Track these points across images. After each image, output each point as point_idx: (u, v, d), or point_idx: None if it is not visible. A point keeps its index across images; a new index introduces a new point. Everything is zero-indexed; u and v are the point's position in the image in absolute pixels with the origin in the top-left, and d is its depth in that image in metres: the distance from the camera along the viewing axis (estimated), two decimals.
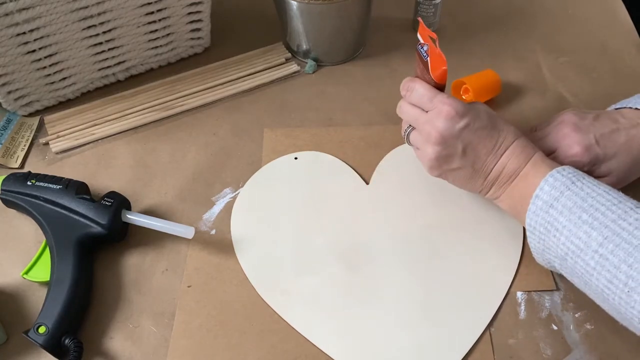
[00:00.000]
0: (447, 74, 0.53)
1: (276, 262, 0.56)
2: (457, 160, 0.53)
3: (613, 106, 0.59)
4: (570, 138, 0.54)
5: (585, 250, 0.45)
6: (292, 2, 0.68)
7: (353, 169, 0.64)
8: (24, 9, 0.60)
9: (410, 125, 0.56)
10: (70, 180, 0.59)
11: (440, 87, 0.54)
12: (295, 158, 0.65)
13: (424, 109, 0.54)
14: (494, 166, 0.53)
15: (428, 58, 0.53)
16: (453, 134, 0.52)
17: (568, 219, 0.46)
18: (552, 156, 0.55)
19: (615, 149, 0.53)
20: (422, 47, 0.54)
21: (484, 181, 0.54)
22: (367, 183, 0.62)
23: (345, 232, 0.58)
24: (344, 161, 0.64)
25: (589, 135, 0.54)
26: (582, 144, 0.53)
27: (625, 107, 0.57)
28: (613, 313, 0.45)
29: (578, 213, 0.46)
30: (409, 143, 0.57)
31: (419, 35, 0.55)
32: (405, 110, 0.56)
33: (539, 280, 0.54)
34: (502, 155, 0.52)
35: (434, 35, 0.53)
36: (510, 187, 0.52)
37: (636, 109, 0.56)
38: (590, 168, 0.54)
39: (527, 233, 0.50)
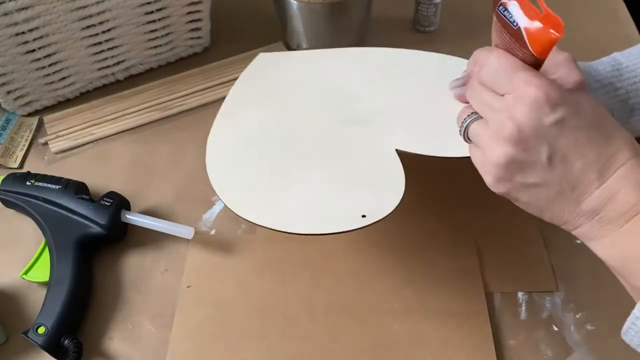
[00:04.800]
0: (555, 44, 0.37)
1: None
2: (537, 172, 0.38)
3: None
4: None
5: None
6: (292, 1, 0.68)
7: None
8: (23, 8, 0.60)
9: (473, 113, 0.42)
10: (69, 181, 0.59)
11: (536, 64, 0.39)
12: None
13: (498, 91, 0.40)
14: (594, 190, 0.37)
15: (519, 23, 0.38)
16: (538, 131, 0.37)
17: None
18: (551, 79, 0.46)
19: None
20: (504, 9, 0.39)
21: (575, 209, 0.38)
22: None
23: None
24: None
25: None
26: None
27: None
28: None
29: None
30: (467, 139, 0.43)
31: None
32: (474, 91, 0.42)
33: (540, 281, 0.54)
34: (610, 177, 0.37)
35: None
36: (619, 231, 0.37)
37: None
38: None
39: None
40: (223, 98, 0.71)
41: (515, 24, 0.38)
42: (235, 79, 0.73)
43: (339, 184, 0.48)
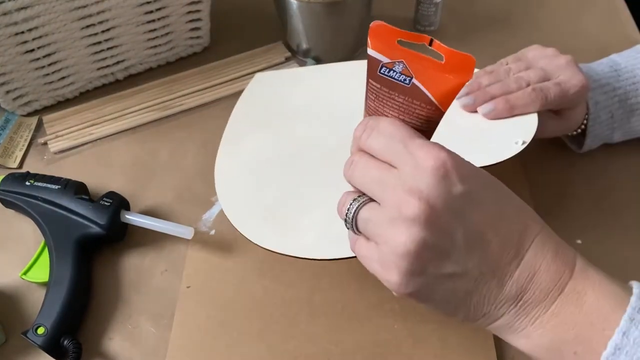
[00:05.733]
0: (459, 89, 0.34)
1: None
2: (455, 258, 0.31)
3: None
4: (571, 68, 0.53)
5: None
6: (292, 1, 0.68)
7: None
8: (22, 8, 0.60)
9: (360, 195, 0.34)
10: (69, 181, 0.59)
11: (431, 126, 0.35)
12: None
13: (391, 162, 0.33)
14: (515, 270, 0.32)
15: (414, 79, 0.34)
16: (449, 205, 0.31)
17: None
18: (555, 82, 0.52)
19: None
20: (389, 70, 0.35)
21: (497, 296, 0.33)
22: None
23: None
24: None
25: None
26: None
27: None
28: None
29: None
30: (355, 230, 0.35)
31: (372, 52, 0.35)
32: (358, 166, 0.34)
33: None
34: (527, 252, 0.32)
35: (422, 39, 0.35)
36: (546, 315, 0.32)
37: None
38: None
39: None
40: (222, 98, 0.72)
41: (407, 80, 0.34)
42: (235, 78, 0.74)
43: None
